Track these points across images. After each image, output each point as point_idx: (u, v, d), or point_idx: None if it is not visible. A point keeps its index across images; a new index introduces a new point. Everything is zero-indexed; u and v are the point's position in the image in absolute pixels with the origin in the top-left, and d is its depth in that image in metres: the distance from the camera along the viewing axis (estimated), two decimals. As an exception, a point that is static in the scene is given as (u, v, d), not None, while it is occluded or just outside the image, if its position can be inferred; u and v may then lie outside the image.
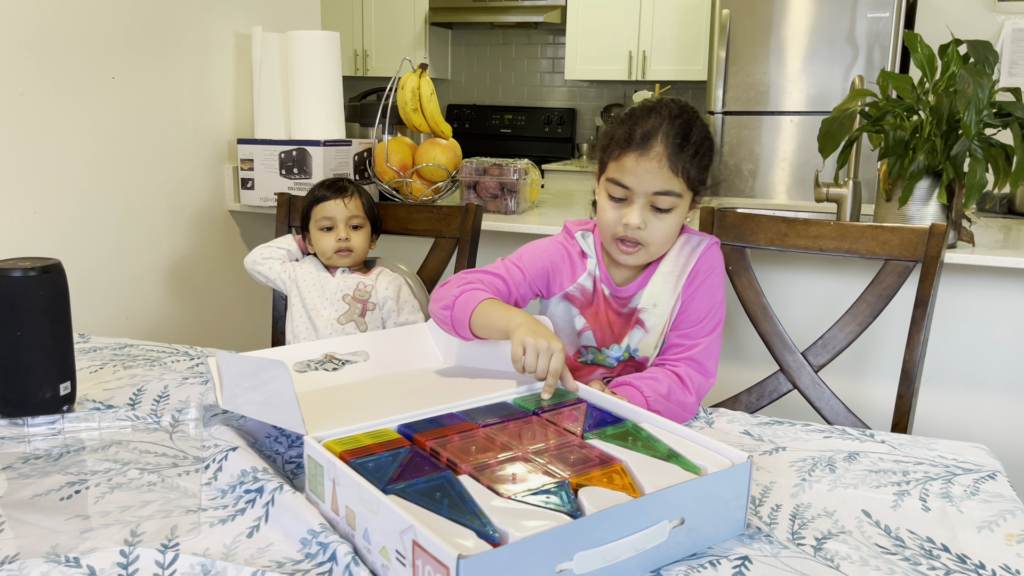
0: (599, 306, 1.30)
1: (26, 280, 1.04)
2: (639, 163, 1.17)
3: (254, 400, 0.98)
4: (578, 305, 1.30)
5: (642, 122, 1.18)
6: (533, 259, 1.29)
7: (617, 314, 1.29)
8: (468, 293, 1.15)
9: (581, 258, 1.31)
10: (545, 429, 0.94)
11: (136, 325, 2.05)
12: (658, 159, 1.16)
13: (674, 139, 1.17)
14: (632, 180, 1.18)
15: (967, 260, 1.72)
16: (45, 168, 1.79)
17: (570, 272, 1.30)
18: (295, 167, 2.14)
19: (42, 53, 1.76)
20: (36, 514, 0.85)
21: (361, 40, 4.92)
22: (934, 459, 1.04)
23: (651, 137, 1.17)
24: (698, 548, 0.80)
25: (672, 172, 1.17)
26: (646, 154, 1.17)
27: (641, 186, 1.18)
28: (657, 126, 1.17)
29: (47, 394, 1.08)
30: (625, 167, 1.18)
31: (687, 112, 1.21)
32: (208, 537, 0.81)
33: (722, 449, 0.87)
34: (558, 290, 1.30)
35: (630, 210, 1.19)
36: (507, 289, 1.25)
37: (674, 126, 1.17)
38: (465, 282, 1.19)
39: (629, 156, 1.18)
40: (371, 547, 0.76)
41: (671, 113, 1.19)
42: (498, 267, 1.27)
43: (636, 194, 1.19)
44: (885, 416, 1.60)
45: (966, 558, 0.80)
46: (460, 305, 1.14)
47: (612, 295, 1.29)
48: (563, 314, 1.30)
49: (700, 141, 1.19)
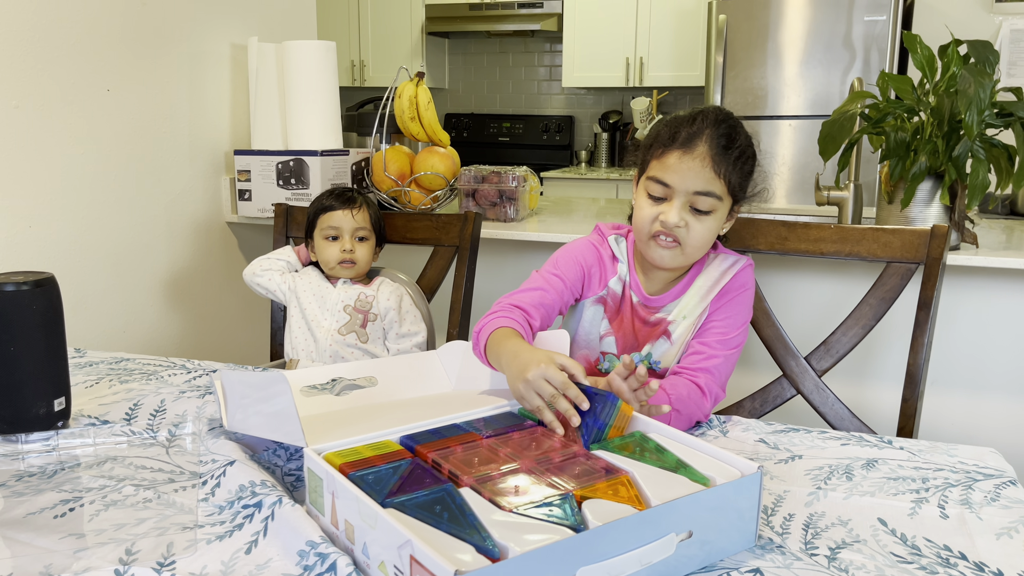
0: (626, 313, 1.29)
1: (19, 294, 1.03)
2: (682, 161, 1.17)
3: (259, 415, 0.97)
4: (607, 310, 1.29)
5: (687, 124, 1.20)
6: (570, 264, 1.29)
7: (644, 322, 1.28)
8: (486, 326, 1.15)
9: (612, 262, 1.30)
10: (550, 440, 0.92)
11: (134, 339, 2.03)
12: (701, 158, 1.17)
13: (718, 141, 1.18)
14: (674, 178, 1.18)
15: (970, 262, 1.71)
16: (40, 182, 1.78)
17: (601, 275, 1.30)
18: (292, 178, 2.13)
19: (36, 66, 1.74)
20: (30, 533, 0.83)
21: (358, 50, 4.91)
22: (954, 465, 1.02)
23: (696, 137, 1.18)
24: (708, 561, 0.78)
25: (715, 173, 1.17)
26: (690, 152, 1.17)
27: (683, 184, 1.18)
28: (702, 128, 1.18)
29: (41, 410, 1.06)
30: (668, 164, 1.18)
31: (732, 119, 1.22)
32: (205, 554, 0.79)
33: (732, 459, 0.85)
34: (591, 293, 1.30)
35: (669, 207, 1.19)
36: (550, 299, 1.24)
37: (719, 129, 1.18)
38: (492, 312, 1.19)
39: (672, 154, 1.18)
40: (370, 562, 0.74)
41: (716, 118, 1.20)
42: (536, 281, 1.27)
43: (676, 192, 1.18)
44: (890, 420, 1.58)
45: (984, 566, 0.79)
46: (480, 340, 1.15)
47: (641, 303, 1.28)
48: (592, 317, 1.30)
49: (744, 147, 1.20)
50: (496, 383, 1.15)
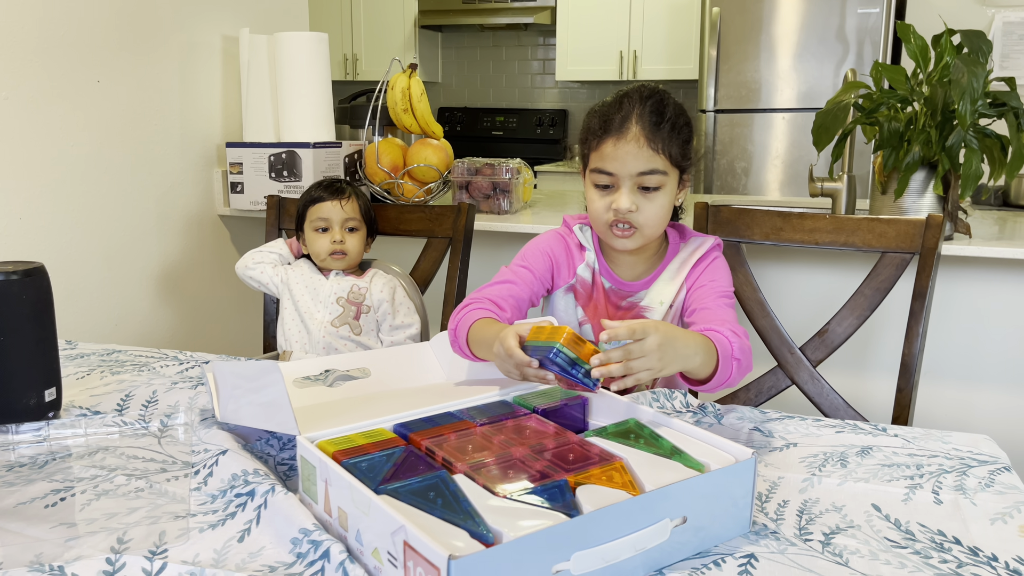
0: (599, 300, 1.29)
1: (8, 284, 1.02)
2: (618, 147, 1.18)
3: (251, 405, 0.96)
4: (580, 298, 1.30)
5: (615, 109, 1.20)
6: (537, 256, 1.30)
7: (616, 308, 1.29)
8: (463, 319, 1.15)
9: (579, 250, 1.31)
10: (544, 427, 0.91)
11: (125, 331, 2.02)
12: (636, 140, 1.17)
13: (649, 118, 1.18)
14: (614, 165, 1.18)
15: (964, 252, 1.71)
16: (30, 173, 1.77)
17: (570, 263, 1.30)
18: (285, 170, 2.12)
19: (26, 57, 1.73)
20: (20, 522, 0.83)
21: (351, 44, 4.89)
22: (948, 452, 1.02)
23: (626, 120, 1.18)
24: (702, 547, 0.78)
25: (652, 150, 1.17)
26: (623, 136, 1.17)
27: (624, 169, 1.18)
28: (630, 109, 1.19)
29: (32, 400, 1.05)
30: (605, 154, 1.19)
31: (658, 92, 1.22)
32: (198, 543, 0.79)
33: (726, 446, 0.85)
34: (561, 283, 1.30)
35: (618, 195, 1.19)
36: (521, 293, 1.24)
37: (646, 106, 1.19)
38: (463, 306, 1.19)
39: (607, 143, 1.19)
40: (364, 549, 0.73)
41: (641, 95, 1.20)
42: (505, 274, 1.28)
43: (621, 178, 1.19)
44: (885, 410, 1.58)
45: (978, 550, 0.79)
46: (459, 333, 1.14)
47: (613, 288, 1.29)
48: (565, 307, 1.30)
49: (675, 117, 1.20)
50: (489, 373, 1.15)
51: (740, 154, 3.59)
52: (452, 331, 1.16)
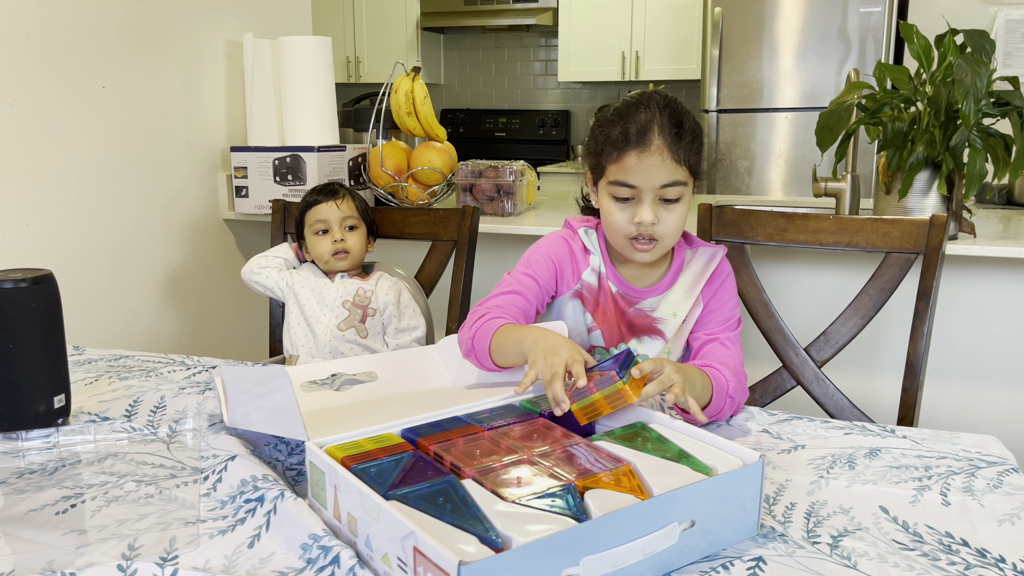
0: (607, 305, 1.28)
1: (17, 291, 1.02)
2: (642, 159, 1.15)
3: (260, 410, 0.96)
4: (587, 303, 1.28)
5: (634, 118, 1.17)
6: (540, 262, 1.28)
7: (624, 312, 1.28)
8: (481, 328, 1.14)
9: (584, 254, 1.29)
10: (552, 431, 0.92)
11: (132, 336, 2.02)
12: (660, 152, 1.15)
13: (670, 129, 1.16)
14: (638, 178, 1.16)
15: (968, 251, 1.71)
16: (36, 179, 1.77)
17: (574, 268, 1.28)
18: (289, 174, 2.13)
19: (31, 63, 1.74)
20: (31, 530, 0.83)
21: (353, 47, 4.90)
22: (957, 453, 1.02)
23: (648, 131, 1.15)
24: (711, 550, 0.78)
25: (675, 162, 1.16)
26: (647, 149, 1.15)
27: (648, 182, 1.16)
28: (650, 119, 1.16)
29: (41, 407, 1.06)
30: (628, 166, 1.16)
31: (673, 101, 1.20)
32: (208, 549, 0.79)
33: (734, 449, 0.85)
34: (565, 288, 1.28)
35: (641, 208, 1.17)
36: (526, 302, 1.23)
37: (666, 116, 1.16)
38: (477, 317, 1.17)
39: (630, 155, 1.16)
40: (373, 554, 0.74)
41: (659, 104, 1.18)
42: (509, 283, 1.25)
43: (644, 191, 1.17)
44: (890, 410, 1.58)
45: (986, 552, 0.79)
46: (478, 344, 1.13)
47: (620, 293, 1.28)
48: (573, 313, 1.28)
49: (692, 127, 1.19)
50: (496, 376, 1.15)
51: (743, 154, 3.59)
52: (470, 340, 1.14)
